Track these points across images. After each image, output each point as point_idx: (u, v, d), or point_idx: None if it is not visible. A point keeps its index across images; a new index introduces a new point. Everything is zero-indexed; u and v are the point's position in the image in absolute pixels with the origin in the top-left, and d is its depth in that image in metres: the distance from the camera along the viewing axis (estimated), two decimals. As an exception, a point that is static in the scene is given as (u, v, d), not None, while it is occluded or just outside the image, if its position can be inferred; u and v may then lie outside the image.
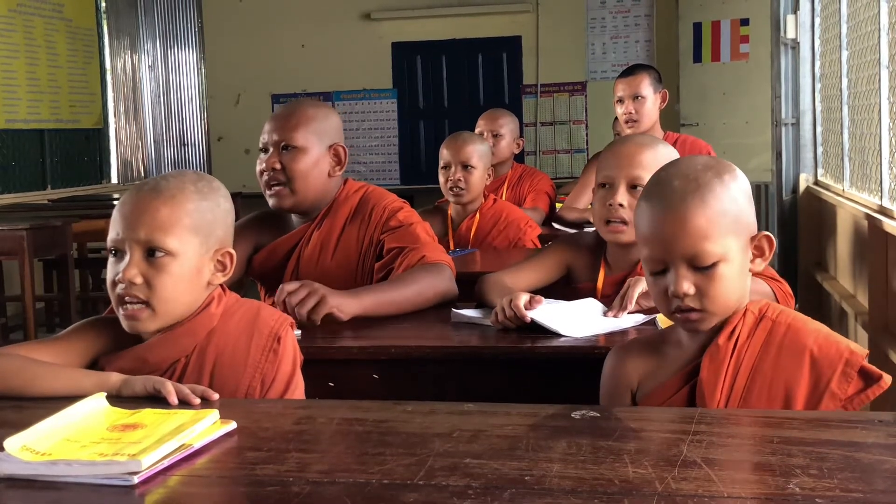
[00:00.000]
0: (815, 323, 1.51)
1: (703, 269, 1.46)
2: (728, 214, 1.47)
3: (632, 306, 2.02)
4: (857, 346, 1.46)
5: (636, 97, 3.99)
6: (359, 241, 2.42)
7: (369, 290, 2.22)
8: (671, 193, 1.48)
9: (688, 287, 1.46)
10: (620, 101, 4.03)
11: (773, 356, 1.47)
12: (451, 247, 3.38)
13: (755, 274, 1.54)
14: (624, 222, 2.16)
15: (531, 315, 1.96)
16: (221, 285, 1.68)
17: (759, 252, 1.52)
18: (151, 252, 1.57)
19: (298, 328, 2.02)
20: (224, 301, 1.66)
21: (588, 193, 4.16)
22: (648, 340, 1.64)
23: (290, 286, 2.08)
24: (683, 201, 1.46)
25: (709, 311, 1.47)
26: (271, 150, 2.39)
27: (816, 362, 1.44)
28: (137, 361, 1.59)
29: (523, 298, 1.98)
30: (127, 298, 1.56)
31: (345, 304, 2.09)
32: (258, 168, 2.41)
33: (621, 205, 2.16)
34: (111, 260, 1.60)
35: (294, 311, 2.03)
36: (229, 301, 1.67)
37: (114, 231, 1.60)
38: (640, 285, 2.03)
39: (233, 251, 1.67)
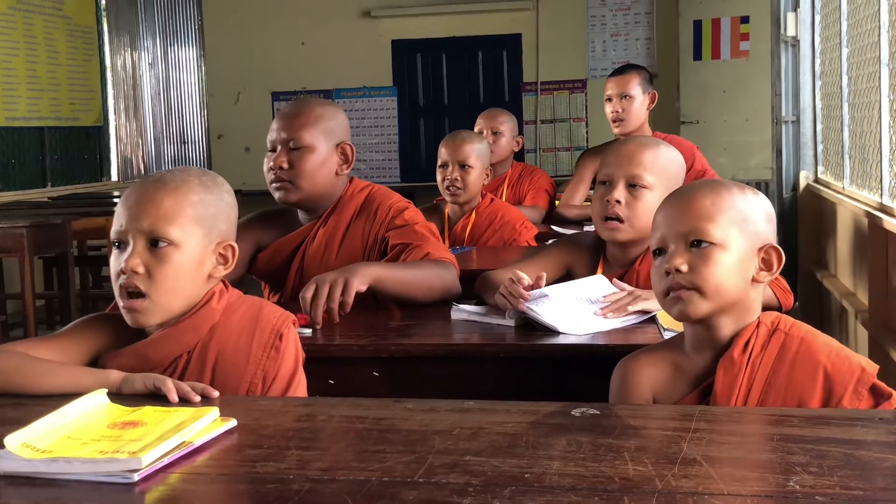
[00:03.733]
0: (824, 336, 1.52)
1: (699, 247, 1.49)
2: (736, 210, 1.52)
3: (617, 307, 2.00)
4: (868, 363, 1.47)
5: (624, 96, 4.05)
6: (363, 238, 2.43)
7: (382, 263, 2.29)
8: (688, 186, 1.62)
9: (681, 263, 1.49)
10: (609, 99, 4.11)
11: (786, 370, 1.47)
12: (447, 245, 3.38)
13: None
14: (620, 220, 2.16)
15: (528, 309, 1.96)
16: (224, 281, 1.68)
17: (766, 265, 1.53)
18: (154, 242, 1.57)
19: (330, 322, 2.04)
20: (226, 297, 1.66)
21: (582, 189, 4.17)
22: (657, 352, 1.62)
23: (308, 293, 2.08)
24: (695, 189, 1.57)
25: (698, 290, 1.48)
26: (279, 148, 2.39)
27: (829, 378, 1.45)
28: (139, 358, 1.59)
29: (526, 279, 2.00)
30: (129, 289, 1.56)
31: (362, 276, 2.12)
32: (266, 166, 2.41)
33: (618, 201, 2.16)
34: (114, 252, 1.60)
35: (318, 309, 2.05)
36: (231, 297, 1.67)
37: (117, 223, 1.59)
38: (641, 300, 2.00)
39: (235, 245, 1.67)
